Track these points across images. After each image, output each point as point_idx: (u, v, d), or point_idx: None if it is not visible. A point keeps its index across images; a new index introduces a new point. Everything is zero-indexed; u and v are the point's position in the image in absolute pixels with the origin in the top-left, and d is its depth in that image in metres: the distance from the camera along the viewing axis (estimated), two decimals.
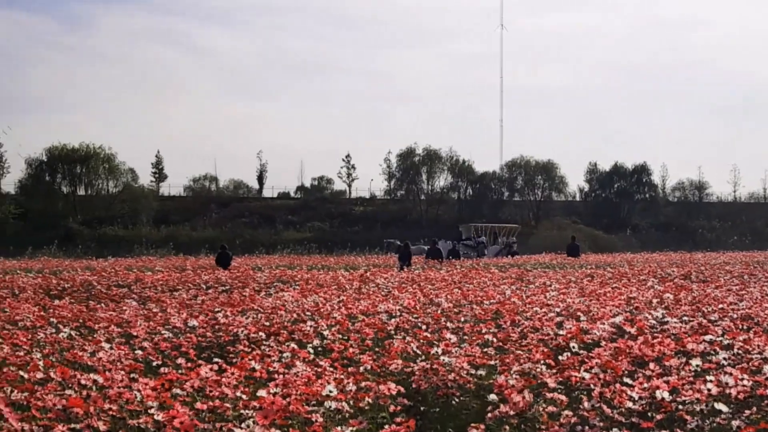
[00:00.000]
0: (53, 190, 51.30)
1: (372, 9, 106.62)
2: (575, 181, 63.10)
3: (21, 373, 4.42)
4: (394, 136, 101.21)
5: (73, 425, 3.29)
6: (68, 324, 6.77)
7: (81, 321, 6.96)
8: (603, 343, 5.24)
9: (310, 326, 5.99)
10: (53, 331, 6.43)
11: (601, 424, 3.55)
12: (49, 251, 29.97)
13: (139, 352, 5.53)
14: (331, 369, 4.69)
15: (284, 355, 4.98)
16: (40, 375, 4.41)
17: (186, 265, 17.90)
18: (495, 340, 5.44)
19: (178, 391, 3.93)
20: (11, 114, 79.56)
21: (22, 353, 5.39)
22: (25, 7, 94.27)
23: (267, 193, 61.92)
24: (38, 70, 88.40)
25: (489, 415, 3.79)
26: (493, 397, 3.98)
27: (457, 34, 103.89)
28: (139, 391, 3.90)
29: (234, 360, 5.14)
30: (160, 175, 59.88)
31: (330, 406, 3.64)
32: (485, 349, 5.17)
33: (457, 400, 4.57)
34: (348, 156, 62.25)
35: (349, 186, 62.70)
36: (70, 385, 4.19)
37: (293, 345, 5.25)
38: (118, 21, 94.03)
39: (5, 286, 10.15)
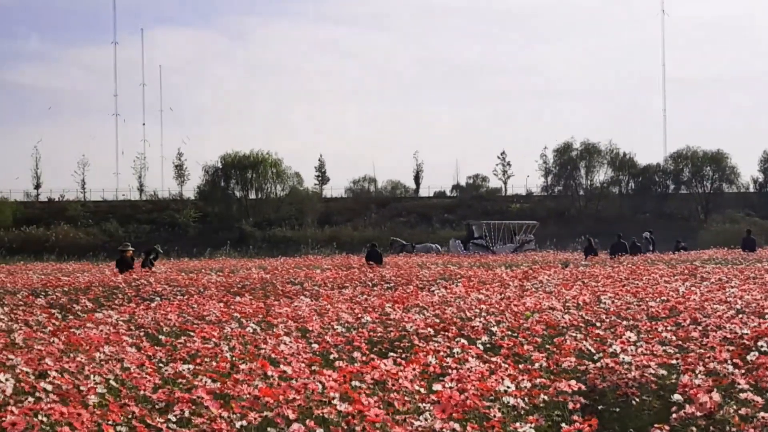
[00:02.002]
0: (228, 195, 54.66)
1: (528, 5, 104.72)
2: (748, 172, 58.62)
3: (215, 363, 4.77)
4: (550, 131, 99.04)
5: (265, 413, 3.52)
6: (250, 319, 7.20)
7: (261, 316, 7.38)
8: None
9: (480, 322, 6.01)
10: (236, 325, 6.86)
11: None
12: (225, 252, 32.00)
13: (316, 345, 5.79)
14: (504, 365, 4.69)
15: (455, 350, 5.03)
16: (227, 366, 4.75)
17: (351, 263, 18.50)
18: (674, 338, 5.21)
19: (358, 383, 4.09)
20: (189, 125, 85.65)
21: (211, 345, 5.82)
22: (194, 24, 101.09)
23: (423, 192, 62.58)
24: (210, 82, 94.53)
25: (674, 416, 3.65)
26: (677, 397, 3.82)
27: (614, 24, 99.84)
28: (321, 383, 4.10)
29: (405, 355, 5.26)
30: (323, 178, 62.24)
31: (508, 402, 3.64)
32: (664, 348, 4.96)
33: (636, 399, 4.43)
34: (503, 153, 61.62)
35: (505, 183, 62.04)
36: (258, 376, 4.48)
37: (463, 341, 5.29)
38: (281, 32, 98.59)
39: (192, 284, 10.98)
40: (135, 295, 10.08)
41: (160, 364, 5.00)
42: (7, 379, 3.43)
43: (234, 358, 5.11)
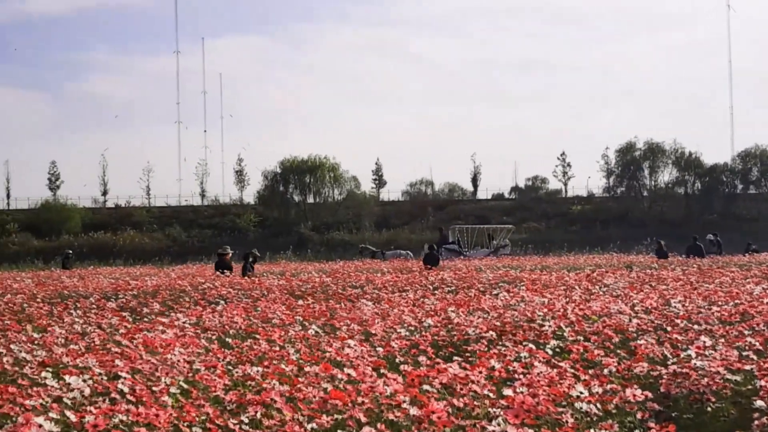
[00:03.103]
0: (286, 200, 55.33)
1: (588, 4, 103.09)
2: None
3: (283, 366, 4.82)
4: (611, 131, 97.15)
5: (336, 416, 3.54)
6: (313, 322, 7.26)
7: (324, 319, 7.43)
8: None
9: (548, 326, 5.92)
10: (301, 328, 6.93)
11: None
12: (285, 255, 32.38)
13: (380, 349, 5.79)
14: (572, 370, 4.61)
15: (522, 354, 4.97)
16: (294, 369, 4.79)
17: (411, 266, 18.49)
18: (753, 342, 5.03)
19: (427, 387, 4.07)
20: (249, 131, 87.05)
21: (277, 348, 5.89)
22: (253, 31, 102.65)
23: (481, 194, 62.20)
24: (269, 88, 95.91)
25: (756, 422, 3.53)
26: (760, 403, 3.69)
27: (677, 22, 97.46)
28: (388, 386, 4.10)
29: (471, 359, 5.22)
30: (380, 181, 62.48)
31: (581, 407, 3.58)
32: (741, 353, 4.80)
33: (712, 406, 4.30)
34: (563, 154, 60.77)
35: (565, 185, 61.16)
36: (324, 379, 4.51)
37: (530, 345, 5.23)
38: (337, 37, 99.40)
39: (256, 288, 11.13)
40: (201, 299, 10.27)
41: (229, 367, 5.08)
42: (84, 380, 3.53)
43: (301, 361, 5.16)
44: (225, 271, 14.79)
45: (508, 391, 3.91)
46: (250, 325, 7.24)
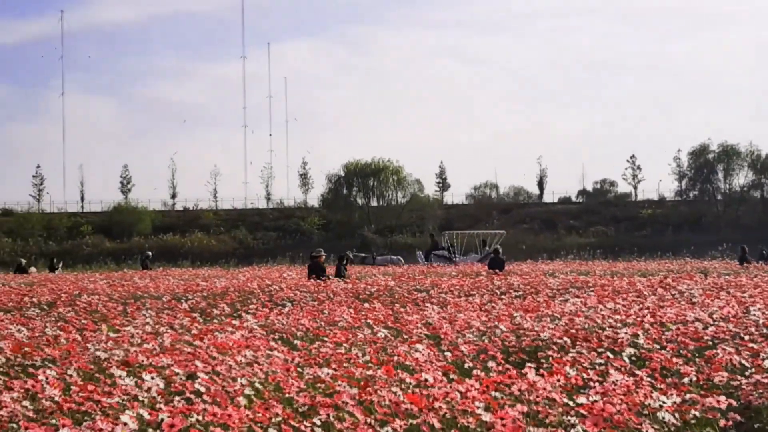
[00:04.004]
0: (350, 203, 55.70)
1: (656, 2, 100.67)
2: None
3: (352, 369, 4.82)
4: (684, 133, 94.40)
5: (410, 421, 3.51)
6: (380, 325, 7.25)
7: (390, 323, 7.41)
8: None
9: (624, 333, 5.77)
10: (368, 331, 6.92)
11: None
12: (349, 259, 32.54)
13: (449, 354, 5.74)
14: (649, 379, 4.47)
15: (597, 362, 4.85)
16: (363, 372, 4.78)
17: (477, 270, 18.34)
18: None
19: (499, 393, 4.01)
20: (313, 134, 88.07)
21: (342, 351, 5.90)
22: (317, 35, 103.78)
23: (548, 198, 61.40)
24: (332, 92, 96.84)
25: None
26: None
27: (751, 19, 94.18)
28: (460, 392, 4.05)
29: (543, 366, 5.12)
30: (443, 184, 62.38)
31: (663, 417, 3.46)
32: None
33: None
34: (633, 156, 59.51)
35: (635, 188, 59.85)
36: (394, 383, 4.49)
37: (607, 353, 5.09)
38: (401, 39, 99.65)
39: (321, 290, 11.21)
40: (268, 300, 10.39)
41: (299, 369, 5.11)
42: (161, 379, 3.59)
43: (370, 364, 5.15)
44: (321, 275, 14.77)
45: (582, 399, 3.82)
46: (317, 327, 7.27)
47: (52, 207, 60.33)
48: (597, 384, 4.28)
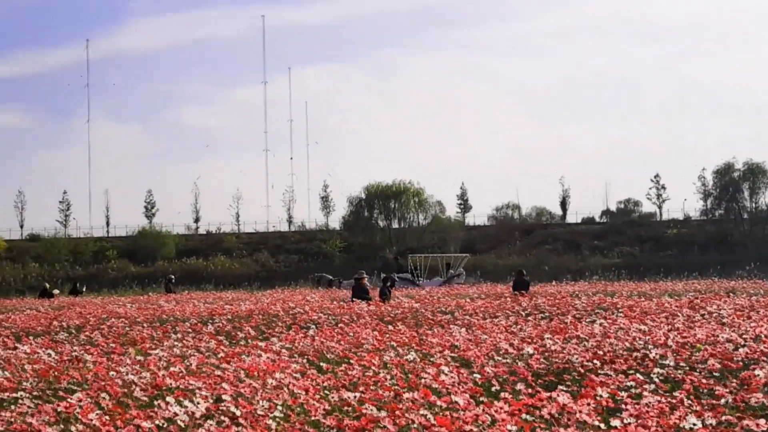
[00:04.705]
0: (371, 225, 55.70)
1: (678, 19, 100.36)
2: None
3: (380, 391, 4.80)
4: (708, 151, 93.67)
5: None
6: (406, 347, 7.21)
7: (413, 345, 7.38)
8: None
9: (654, 354, 5.69)
10: (394, 354, 6.88)
11: None
12: (371, 281, 32.52)
13: (477, 376, 5.69)
14: (687, 401, 4.39)
15: (629, 384, 4.78)
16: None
17: (500, 291, 18.24)
18: None
19: (527, 416, 3.96)
20: (334, 157, 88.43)
21: (371, 373, 5.87)
22: (337, 59, 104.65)
23: (570, 218, 60.96)
24: (352, 115, 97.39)
25: None
26: None
27: None
28: (491, 415, 4.01)
29: (573, 388, 5.06)
30: (465, 205, 62.21)
31: None
32: None
33: None
34: (657, 176, 59.02)
35: (660, 207, 59.29)
36: (422, 405, 4.45)
37: (638, 375, 5.02)
38: (418, 61, 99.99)
39: (345, 313, 11.20)
40: (293, 323, 10.39)
41: (326, 391, 5.10)
42: (198, 404, 3.60)
43: (396, 387, 5.12)
44: (365, 296, 14.90)
45: (615, 422, 3.77)
46: (343, 350, 7.25)
47: (78, 232, 61.05)
48: (630, 406, 4.21)
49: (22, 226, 61.57)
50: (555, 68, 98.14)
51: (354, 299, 14.62)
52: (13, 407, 4.55)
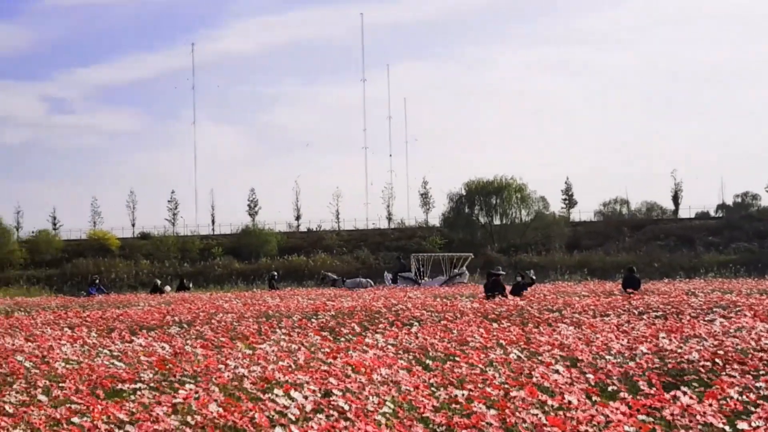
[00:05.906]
0: (472, 221, 55.18)
1: None
2: None
3: (488, 390, 4.68)
4: None
5: None
6: (513, 345, 7.05)
7: (521, 344, 7.21)
8: None
9: None
10: (501, 352, 6.74)
11: None
12: (472, 278, 32.27)
13: (591, 375, 5.48)
14: None
15: (759, 385, 4.47)
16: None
17: (609, 289, 17.65)
18: None
19: (644, 417, 3.75)
20: (434, 153, 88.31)
21: (478, 371, 5.76)
22: (437, 55, 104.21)
23: (683, 213, 58.38)
24: (451, 110, 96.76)
25: None
26: None
27: None
28: (605, 415, 3.83)
29: (696, 389, 4.79)
30: (570, 201, 60.63)
31: None
32: None
33: None
34: None
35: None
36: (533, 404, 4.31)
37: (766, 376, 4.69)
38: (515, 56, 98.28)
39: (448, 310, 11.10)
40: (395, 320, 10.38)
41: (432, 389, 5.03)
42: (306, 397, 3.60)
43: (506, 385, 5.00)
44: (501, 292, 15.09)
45: (743, 425, 3.53)
46: (448, 347, 7.17)
47: (185, 230, 63.45)
48: (759, 409, 3.93)
49: (133, 225, 64.57)
50: (658, 60, 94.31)
51: (488, 295, 14.91)
52: (132, 397, 4.71)
